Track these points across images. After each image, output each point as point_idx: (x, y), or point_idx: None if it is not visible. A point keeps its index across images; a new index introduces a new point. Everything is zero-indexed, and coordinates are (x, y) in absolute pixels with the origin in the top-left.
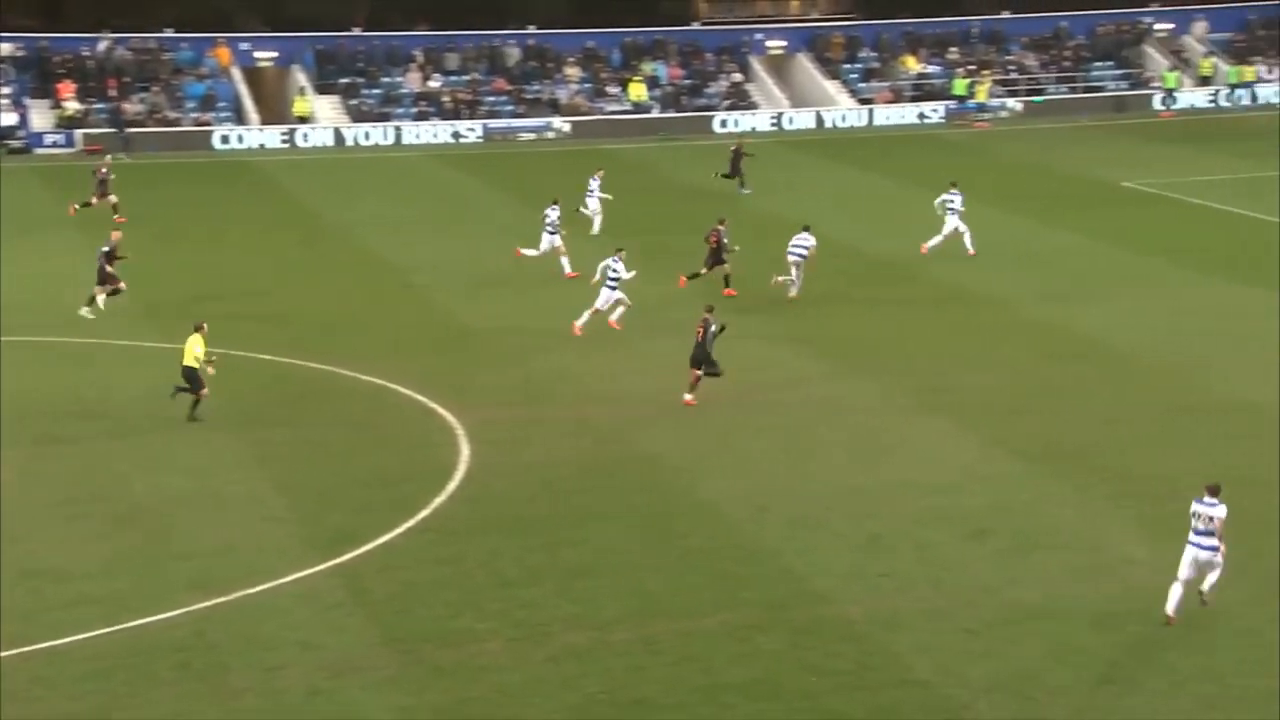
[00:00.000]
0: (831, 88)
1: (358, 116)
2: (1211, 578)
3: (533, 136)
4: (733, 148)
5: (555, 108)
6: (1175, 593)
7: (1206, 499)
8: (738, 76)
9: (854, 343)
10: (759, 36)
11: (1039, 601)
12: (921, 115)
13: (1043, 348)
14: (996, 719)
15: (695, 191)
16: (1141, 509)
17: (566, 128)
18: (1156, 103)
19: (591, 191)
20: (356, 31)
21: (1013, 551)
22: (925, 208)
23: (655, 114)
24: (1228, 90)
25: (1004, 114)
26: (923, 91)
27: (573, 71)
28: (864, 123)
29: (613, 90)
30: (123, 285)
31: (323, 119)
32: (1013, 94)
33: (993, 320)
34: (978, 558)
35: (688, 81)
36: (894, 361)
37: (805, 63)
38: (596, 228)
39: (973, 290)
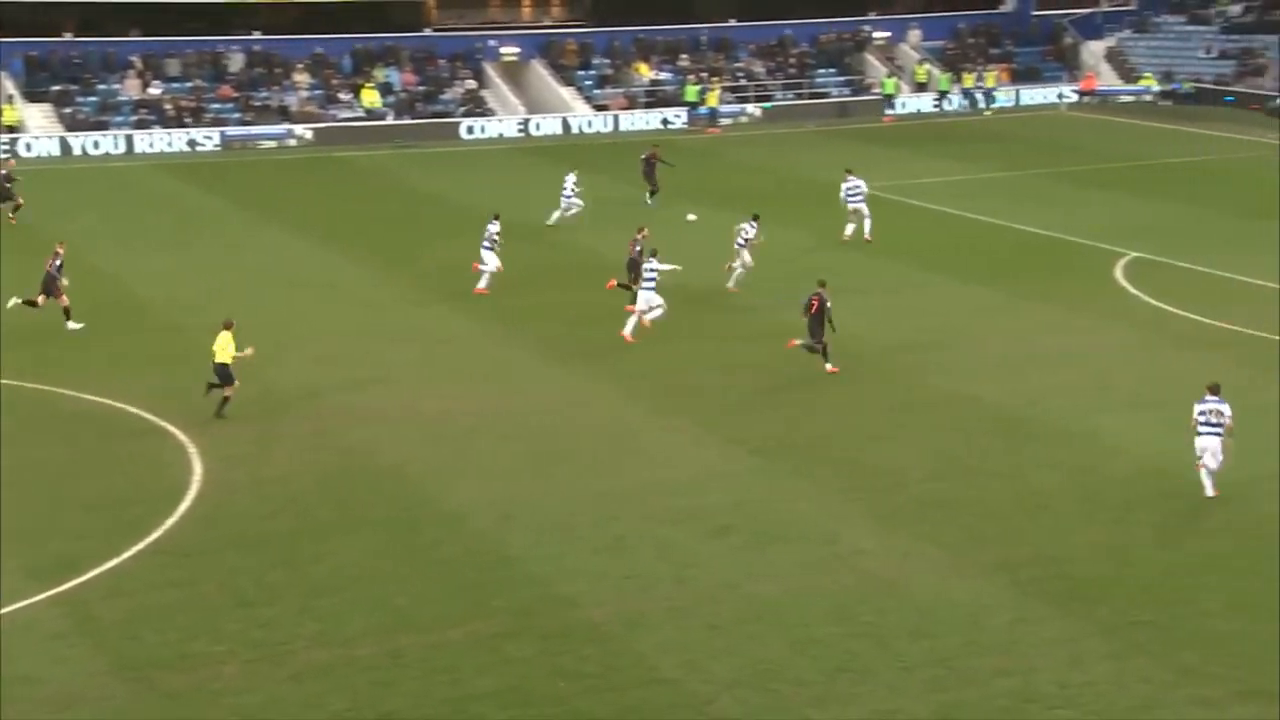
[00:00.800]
0: (567, 94)
1: (72, 125)
2: (1212, 465)
3: (273, 144)
4: (644, 155)
5: (286, 114)
6: (1205, 478)
7: (1209, 398)
8: (473, 83)
9: (595, 347)
10: (493, 43)
11: (778, 595)
12: (665, 121)
13: (778, 348)
14: (739, 714)
15: (433, 198)
16: (872, 500)
17: (309, 135)
18: (889, 108)
19: (567, 193)
20: (68, 37)
21: (753, 547)
22: (657, 213)
23: (391, 120)
24: (954, 95)
25: (744, 119)
26: (656, 98)
27: (302, 78)
28: (609, 128)
29: (345, 97)
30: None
31: (34, 128)
32: (743, 100)
33: (732, 322)
34: (719, 554)
35: (422, 88)
36: (635, 365)
37: (540, 69)
38: (553, 219)
39: (710, 293)
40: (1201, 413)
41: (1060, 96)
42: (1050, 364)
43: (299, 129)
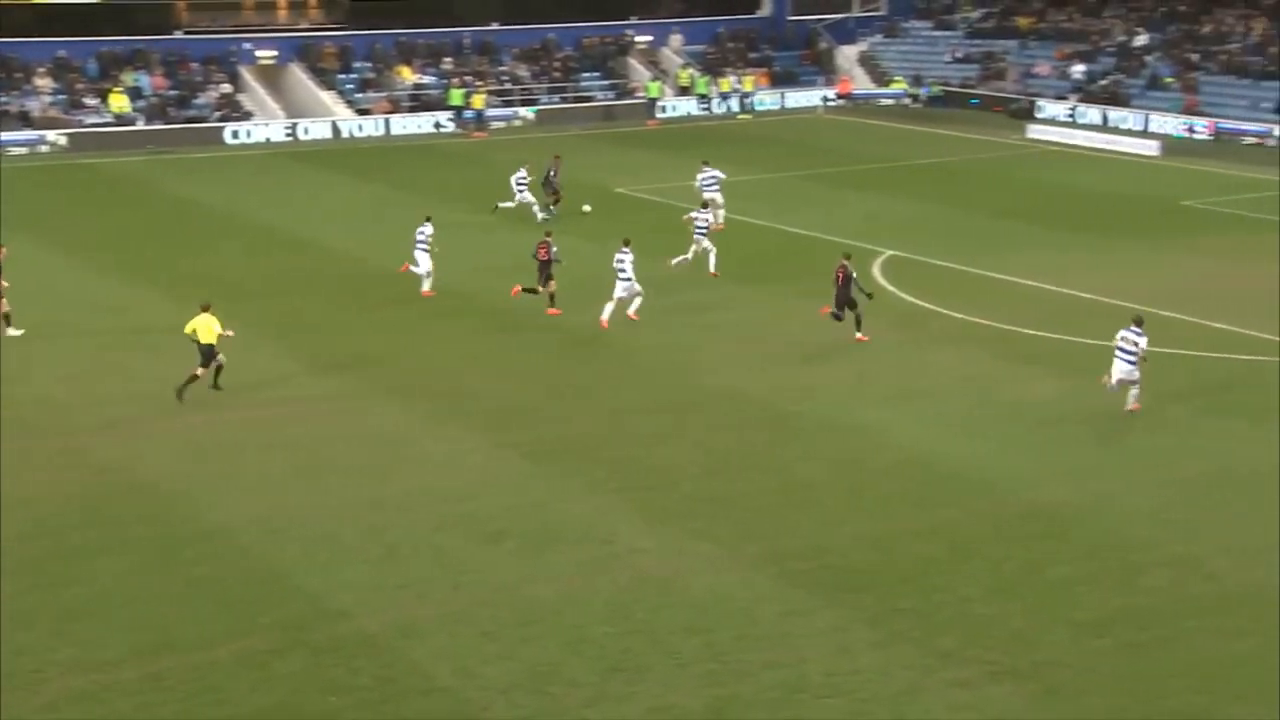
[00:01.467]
0: (328, 98)
1: None
2: (1134, 392)
3: (24, 150)
4: (552, 172)
5: (28, 120)
6: (1112, 387)
7: (1132, 328)
8: (228, 87)
9: (363, 355)
10: (248, 46)
11: (554, 597)
12: (437, 124)
13: (549, 349)
14: (514, 718)
15: (191, 205)
16: (646, 499)
17: (63, 141)
18: (654, 112)
19: (522, 186)
20: None
21: (528, 550)
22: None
23: (143, 125)
24: (715, 99)
25: (518, 122)
26: (421, 101)
27: (44, 82)
28: (381, 132)
29: (91, 102)
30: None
31: None
32: (509, 104)
33: (501, 325)
34: (494, 559)
35: (174, 92)
36: (406, 372)
37: (299, 72)
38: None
39: (481, 299)
40: (1123, 339)
41: (825, 100)
42: (815, 360)
43: (51, 135)
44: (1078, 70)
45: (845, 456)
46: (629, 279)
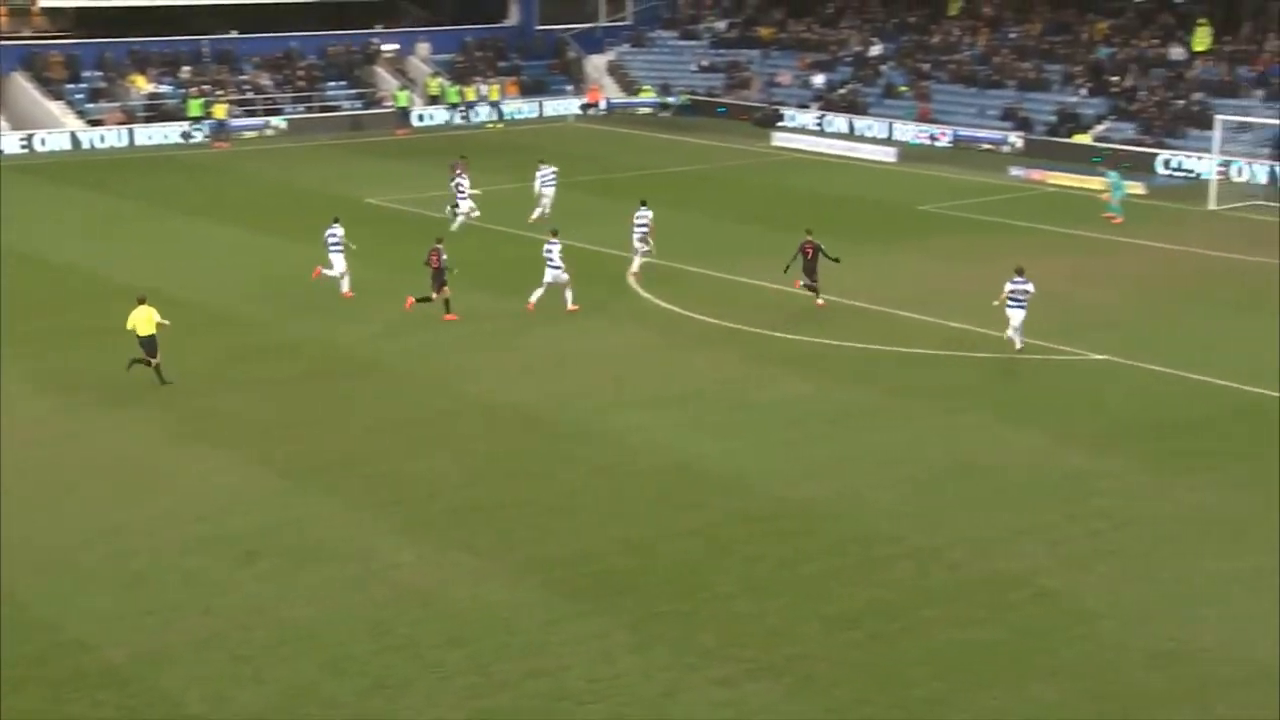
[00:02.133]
0: (56, 108)
1: None
2: (1017, 321)
3: None
4: (459, 173)
5: None
6: (1015, 337)
7: (1017, 278)
8: None
9: (103, 374)
10: None
11: (312, 617)
12: (186, 134)
13: (304, 365)
14: None
15: None
16: (407, 512)
17: None
18: (410, 120)
19: (462, 190)
20: None
21: (284, 570)
22: (167, 230)
23: None
24: (464, 108)
25: (269, 132)
26: (158, 112)
27: None
28: (124, 143)
29: None
30: None
31: None
32: (250, 113)
33: (247, 341)
34: (248, 581)
35: None
36: (149, 391)
37: (23, 82)
38: (457, 225)
39: (233, 313)
40: (1011, 291)
41: (585, 109)
42: (575, 367)
43: None
44: (818, 79)
45: (605, 462)
46: (558, 266)
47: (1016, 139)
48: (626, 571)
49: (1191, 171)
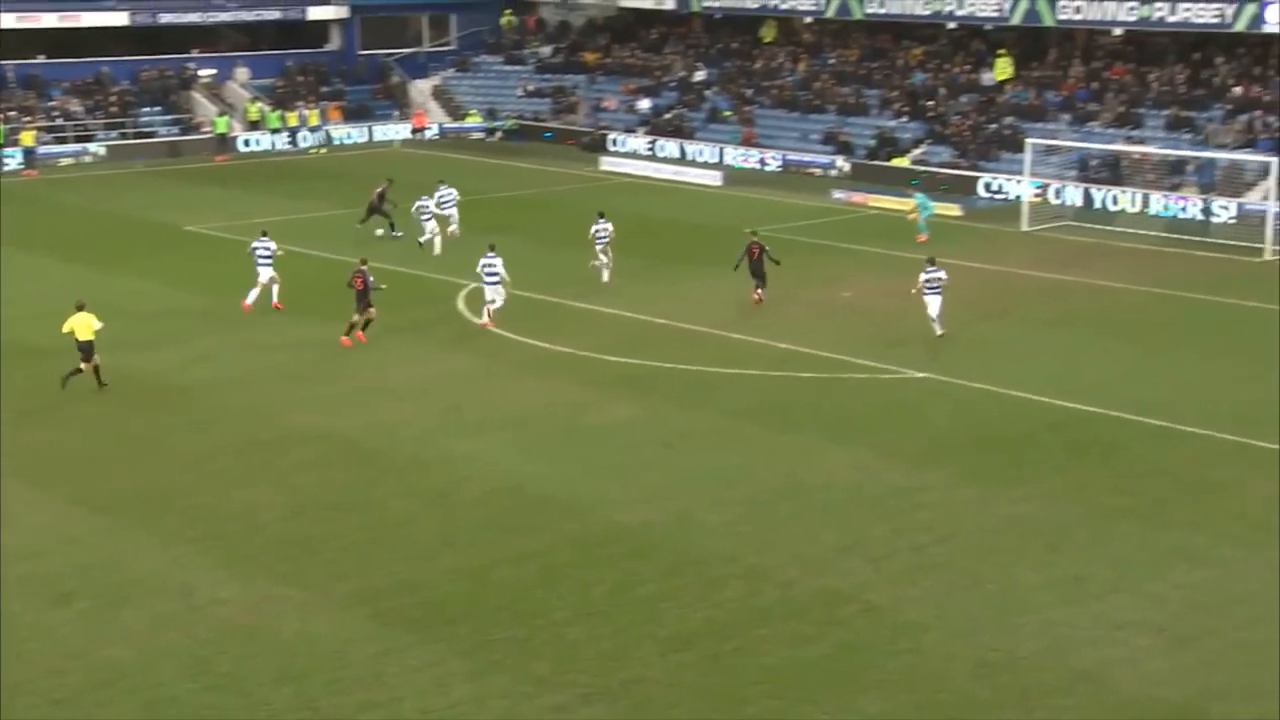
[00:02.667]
0: None
1: None
2: (934, 309)
3: None
4: (378, 190)
5: None
6: (934, 324)
7: (930, 268)
8: None
9: None
10: None
11: (130, 657)
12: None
13: (118, 395)
14: None
15: None
16: (229, 547)
17: None
18: (231, 145)
19: (425, 212)
20: None
21: (100, 610)
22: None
23: None
24: (287, 133)
25: (87, 159)
26: None
27: None
28: None
29: None
30: None
31: None
32: (60, 140)
33: (59, 372)
34: (62, 623)
35: None
36: None
37: None
38: (439, 249)
39: (42, 345)
40: (926, 279)
41: (414, 133)
42: (403, 394)
43: None
44: (644, 104)
45: (435, 489)
46: (496, 281)
47: (844, 163)
48: (459, 600)
49: (1008, 194)
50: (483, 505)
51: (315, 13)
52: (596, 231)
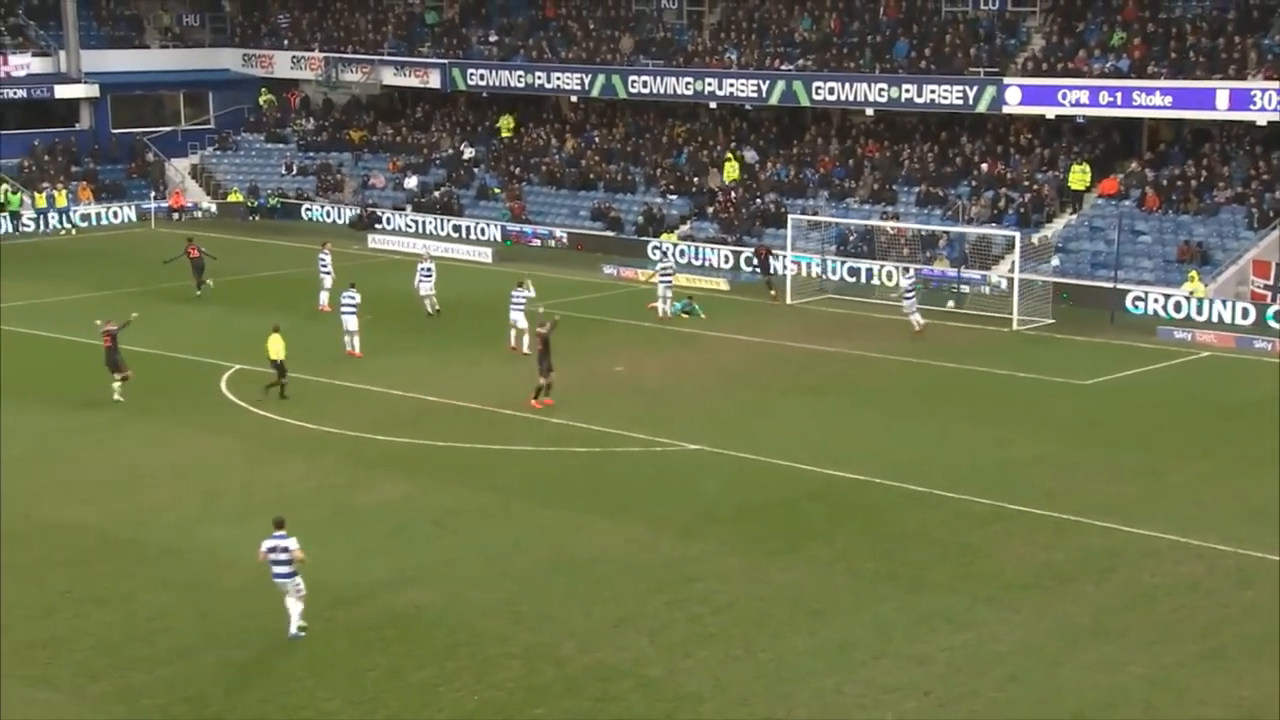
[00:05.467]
0: None
1: None
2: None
3: None
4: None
5: None
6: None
7: (907, 277)
8: None
9: None
10: None
11: None
12: None
13: None
14: None
15: None
16: None
17: None
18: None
19: (428, 273)
20: None
21: None
22: None
23: None
24: (36, 214)
25: None
26: None
27: None
28: None
29: None
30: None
31: None
32: None
33: None
34: None
35: None
36: None
37: None
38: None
39: None
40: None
41: (171, 213)
42: (158, 480)
43: None
44: (411, 182)
45: (192, 581)
46: (352, 312)
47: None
48: (222, 696)
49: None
50: (245, 595)
51: (64, 91)
52: (514, 295)
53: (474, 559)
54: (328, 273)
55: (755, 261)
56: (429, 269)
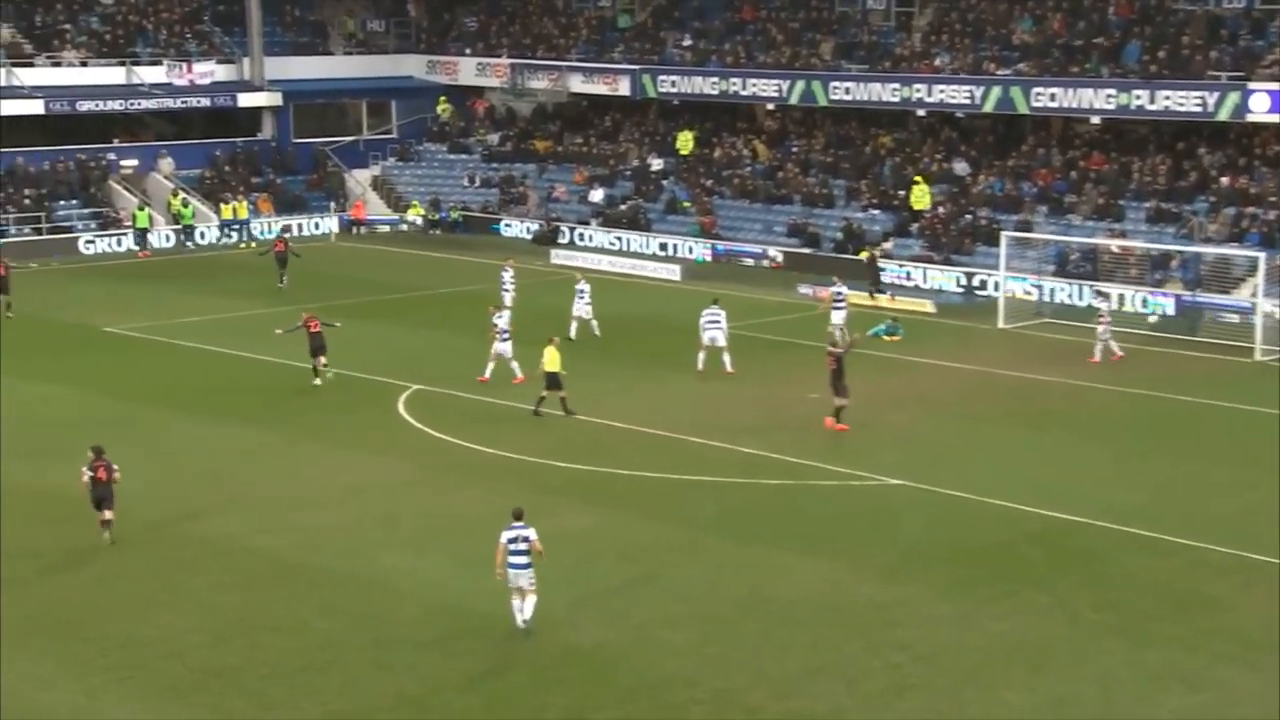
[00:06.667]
0: None
1: None
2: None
3: None
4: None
5: None
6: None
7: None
8: None
9: None
10: None
11: None
12: None
13: (20, 513)
14: None
15: None
16: (146, 677)
17: None
18: (131, 242)
19: (583, 294)
20: None
21: None
22: None
23: None
24: (214, 227)
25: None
26: None
27: None
28: None
29: None
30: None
31: None
32: None
33: None
34: None
35: None
36: None
37: None
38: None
39: None
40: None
41: (351, 226)
42: (333, 504)
43: None
44: (597, 195)
45: (368, 609)
46: (506, 339)
47: (777, 253)
48: None
49: (982, 289)
50: (420, 625)
51: (247, 99)
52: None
53: (661, 596)
54: (509, 291)
55: (866, 270)
56: (584, 289)
